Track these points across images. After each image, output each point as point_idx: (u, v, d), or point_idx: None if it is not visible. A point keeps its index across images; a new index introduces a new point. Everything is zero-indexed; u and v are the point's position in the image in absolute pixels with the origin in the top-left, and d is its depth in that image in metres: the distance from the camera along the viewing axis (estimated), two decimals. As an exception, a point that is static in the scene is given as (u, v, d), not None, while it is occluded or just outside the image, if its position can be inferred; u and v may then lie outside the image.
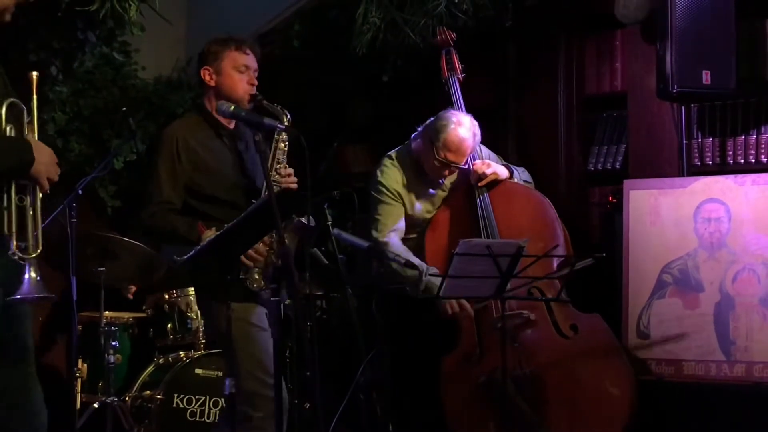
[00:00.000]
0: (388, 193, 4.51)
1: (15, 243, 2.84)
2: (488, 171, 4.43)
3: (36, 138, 2.93)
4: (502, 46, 5.29)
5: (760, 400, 4.13)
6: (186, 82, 6.02)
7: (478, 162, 4.48)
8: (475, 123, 4.46)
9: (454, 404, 4.35)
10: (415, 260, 4.35)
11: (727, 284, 4.32)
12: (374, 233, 4.46)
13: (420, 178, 4.55)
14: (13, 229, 2.84)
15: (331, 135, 5.69)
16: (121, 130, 5.46)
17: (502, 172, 4.50)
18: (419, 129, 4.55)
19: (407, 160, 4.56)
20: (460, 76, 4.68)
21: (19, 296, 2.83)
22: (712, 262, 4.36)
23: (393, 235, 4.46)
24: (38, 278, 2.84)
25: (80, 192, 4.68)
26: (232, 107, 3.58)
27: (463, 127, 4.38)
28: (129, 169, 5.61)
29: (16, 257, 2.84)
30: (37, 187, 2.91)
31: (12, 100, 2.89)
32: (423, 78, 5.42)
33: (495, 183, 4.48)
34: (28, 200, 2.88)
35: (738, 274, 4.30)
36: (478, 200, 4.44)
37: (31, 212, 2.88)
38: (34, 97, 2.95)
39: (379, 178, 4.54)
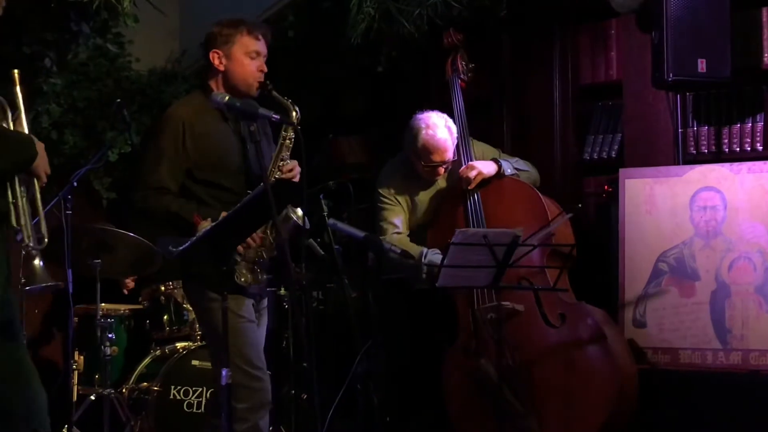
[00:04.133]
0: (384, 198, 4.63)
1: (24, 235, 2.92)
2: (472, 174, 4.48)
3: (27, 132, 2.97)
4: (497, 36, 5.28)
5: (755, 388, 4.14)
6: (180, 73, 6.00)
7: (462, 168, 4.53)
8: (444, 116, 4.54)
9: (454, 397, 4.42)
10: (414, 249, 4.39)
11: (723, 272, 4.32)
12: (381, 238, 4.48)
13: (415, 177, 4.63)
14: (22, 222, 2.91)
15: (325, 126, 5.68)
16: (116, 122, 5.45)
17: (488, 169, 4.52)
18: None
19: (401, 161, 4.67)
20: (463, 77, 4.76)
21: (28, 286, 2.92)
22: (708, 251, 4.36)
23: (395, 237, 4.55)
24: (43, 267, 2.93)
25: (75, 184, 4.67)
26: (227, 98, 3.54)
27: (431, 129, 4.48)
28: (124, 161, 5.60)
29: (28, 249, 2.93)
30: (35, 181, 2.97)
31: None
32: (417, 69, 5.42)
33: (485, 181, 4.51)
34: (27, 193, 2.95)
35: (734, 262, 4.31)
36: (469, 201, 4.50)
37: (29, 205, 2.94)
38: (18, 93, 2.97)
39: (377, 185, 4.67)
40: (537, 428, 4.21)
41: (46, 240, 2.97)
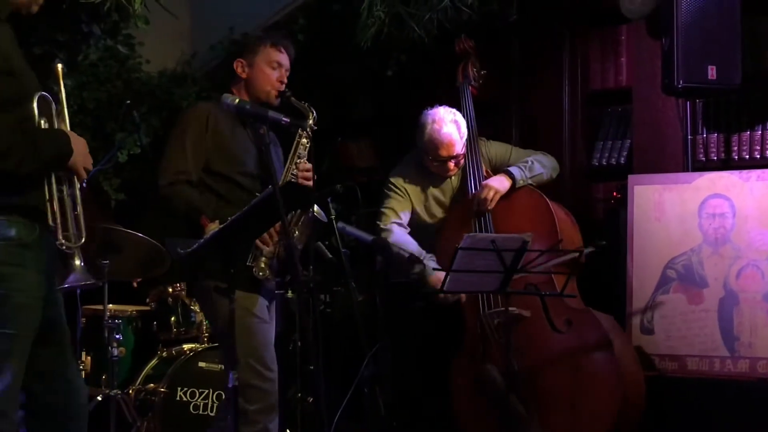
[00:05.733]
0: (395, 188, 4.65)
1: (61, 233, 2.90)
2: (490, 195, 4.43)
3: (68, 128, 2.96)
4: (507, 41, 5.28)
5: (763, 396, 4.13)
6: (190, 75, 6.02)
7: (477, 191, 4.47)
8: (452, 111, 4.54)
9: (461, 401, 4.42)
10: (415, 248, 4.42)
11: (731, 280, 4.31)
12: (378, 223, 4.59)
13: (428, 173, 4.65)
14: (58, 220, 2.90)
15: (334, 129, 5.69)
16: (125, 123, 5.46)
17: (503, 186, 4.48)
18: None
19: (415, 160, 4.69)
20: (474, 83, 4.76)
21: (67, 284, 2.92)
22: (716, 258, 4.36)
23: (395, 226, 4.56)
24: (83, 266, 2.92)
25: (84, 185, 4.67)
26: (237, 100, 3.62)
27: (437, 123, 4.50)
28: (133, 163, 5.61)
29: (63, 247, 2.91)
30: (75, 178, 2.96)
31: (41, 93, 2.92)
32: (427, 73, 5.42)
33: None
34: (66, 191, 2.93)
35: (742, 269, 4.30)
36: (475, 221, 4.47)
37: (71, 203, 2.93)
38: (62, 89, 2.99)
39: (390, 176, 4.70)
40: (542, 434, 4.21)
41: (83, 238, 2.94)
